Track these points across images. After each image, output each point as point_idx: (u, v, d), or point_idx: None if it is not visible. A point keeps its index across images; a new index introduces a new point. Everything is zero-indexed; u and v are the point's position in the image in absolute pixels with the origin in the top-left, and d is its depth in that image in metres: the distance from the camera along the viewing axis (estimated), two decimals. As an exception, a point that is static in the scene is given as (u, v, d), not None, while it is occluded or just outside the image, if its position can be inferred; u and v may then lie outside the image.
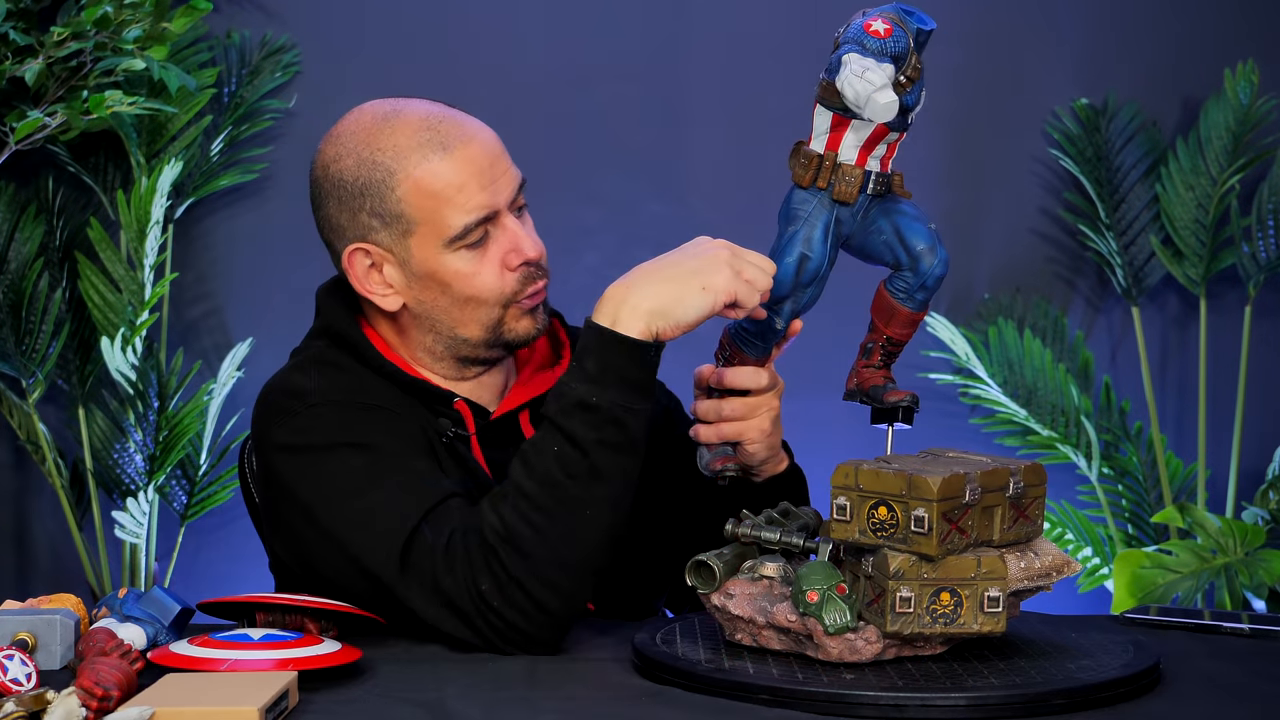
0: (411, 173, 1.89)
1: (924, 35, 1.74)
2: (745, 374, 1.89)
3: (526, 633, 1.76)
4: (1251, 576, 3.18)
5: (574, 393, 1.76)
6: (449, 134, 1.91)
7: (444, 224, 1.89)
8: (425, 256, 1.91)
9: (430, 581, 1.77)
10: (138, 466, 3.35)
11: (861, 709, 1.54)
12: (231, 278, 3.53)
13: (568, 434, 1.75)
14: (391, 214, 1.90)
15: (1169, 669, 1.69)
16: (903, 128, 1.76)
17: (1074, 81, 3.57)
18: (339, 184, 1.92)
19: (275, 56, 3.47)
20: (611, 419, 1.75)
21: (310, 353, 1.97)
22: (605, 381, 1.76)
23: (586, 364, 1.77)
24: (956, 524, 1.61)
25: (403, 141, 1.90)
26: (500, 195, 1.91)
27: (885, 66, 1.70)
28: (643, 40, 3.53)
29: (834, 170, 1.77)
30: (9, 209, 3.36)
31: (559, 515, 1.75)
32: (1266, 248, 3.45)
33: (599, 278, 3.50)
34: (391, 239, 1.91)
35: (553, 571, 1.75)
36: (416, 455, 1.87)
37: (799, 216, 1.81)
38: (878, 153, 1.78)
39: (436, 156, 1.89)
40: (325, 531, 1.83)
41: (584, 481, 1.75)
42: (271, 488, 1.91)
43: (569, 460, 1.75)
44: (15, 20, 3.12)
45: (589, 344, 1.78)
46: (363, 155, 1.91)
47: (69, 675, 1.67)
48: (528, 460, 1.77)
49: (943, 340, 3.47)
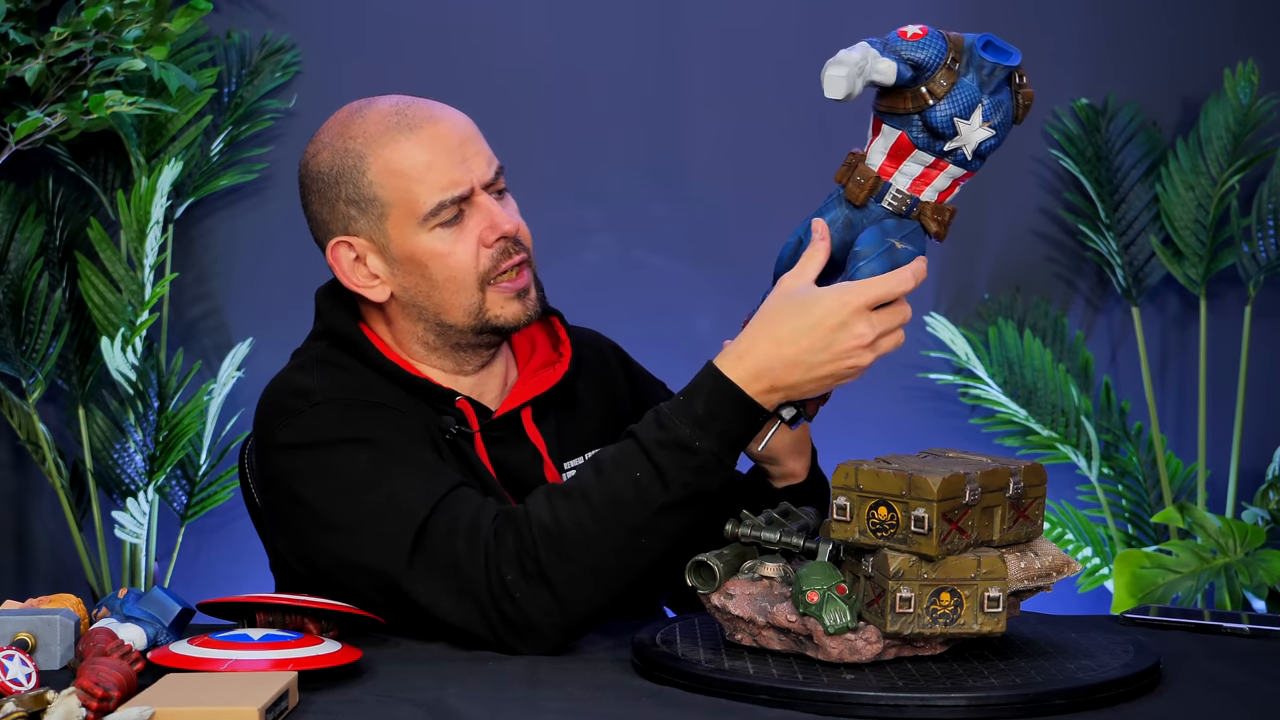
0: (380, 154, 1.91)
1: (1000, 70, 1.69)
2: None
3: (538, 630, 1.75)
4: (1251, 576, 3.18)
5: (676, 430, 1.75)
6: (416, 116, 1.93)
7: (416, 202, 1.91)
8: (402, 239, 1.92)
9: (445, 567, 1.77)
10: (138, 466, 3.35)
11: (861, 709, 1.54)
12: (231, 278, 3.53)
13: (657, 465, 1.75)
14: (365, 198, 1.92)
15: (1169, 669, 1.69)
16: (938, 151, 1.71)
17: (1074, 81, 3.57)
18: (317, 177, 1.95)
19: (275, 56, 3.47)
20: (703, 466, 1.75)
21: (312, 353, 1.97)
22: (710, 429, 1.75)
23: (696, 405, 1.75)
24: (956, 524, 1.61)
25: (372, 128, 1.93)
26: (473, 173, 1.92)
27: (885, 62, 1.66)
28: (643, 40, 3.53)
29: (854, 169, 1.75)
30: (9, 209, 3.36)
31: (617, 534, 1.75)
32: (1266, 248, 3.45)
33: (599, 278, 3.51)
34: (369, 225, 1.93)
35: (587, 581, 1.75)
36: (422, 449, 1.88)
37: (824, 204, 1.79)
38: (907, 169, 1.73)
39: (404, 137, 1.91)
40: (331, 527, 1.83)
41: (654, 514, 1.76)
42: (276, 488, 1.91)
43: (648, 490, 1.75)
44: (15, 20, 3.12)
45: (705, 386, 1.76)
46: (336, 146, 1.94)
47: (69, 675, 1.67)
48: (603, 472, 1.77)
49: (943, 340, 3.47)
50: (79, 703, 1.49)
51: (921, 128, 1.70)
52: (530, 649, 1.76)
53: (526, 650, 1.76)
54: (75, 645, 1.72)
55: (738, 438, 1.77)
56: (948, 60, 1.69)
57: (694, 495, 1.76)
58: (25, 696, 1.49)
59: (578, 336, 2.09)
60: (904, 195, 1.75)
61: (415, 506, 1.80)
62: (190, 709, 1.47)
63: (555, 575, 1.75)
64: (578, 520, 1.75)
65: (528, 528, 1.76)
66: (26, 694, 1.49)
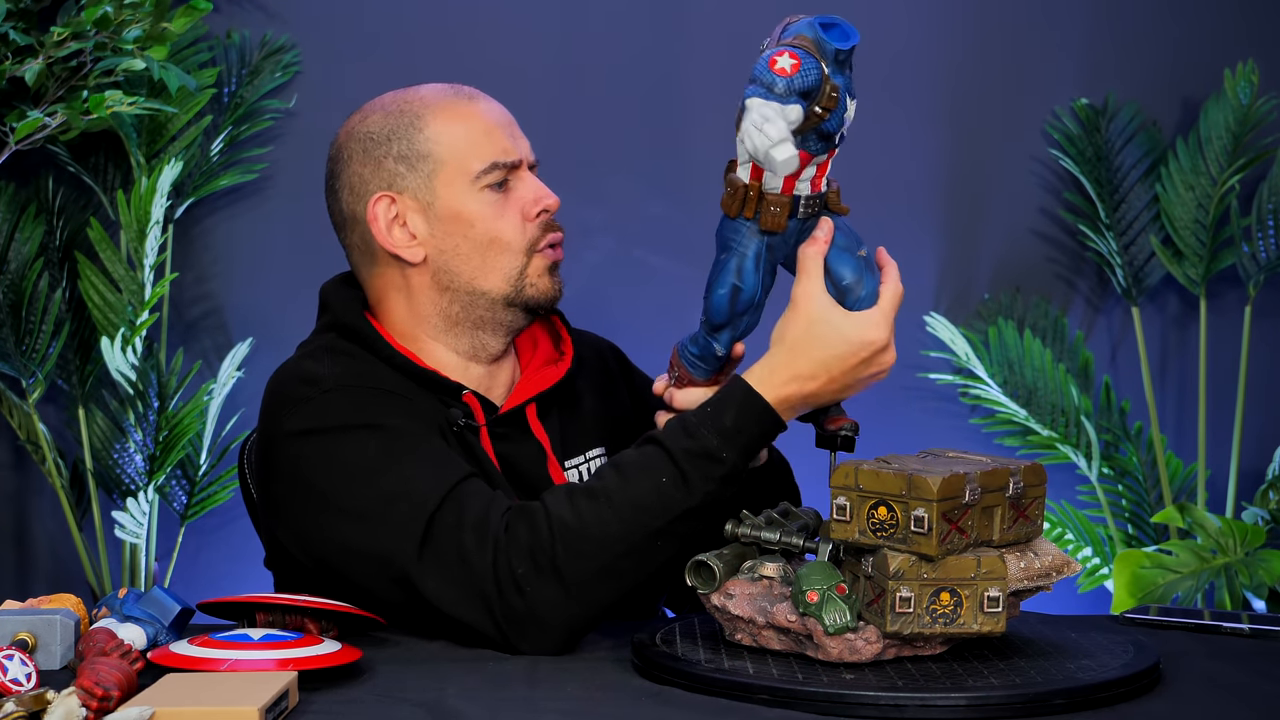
0: (440, 114, 1.97)
1: (843, 54, 1.71)
2: (693, 395, 1.89)
3: (544, 626, 1.75)
4: (1251, 576, 3.18)
5: (704, 440, 1.79)
6: (471, 94, 2.01)
7: (472, 158, 1.95)
8: (451, 195, 1.95)
9: (453, 558, 1.77)
10: (138, 466, 3.35)
11: (861, 709, 1.54)
12: (231, 278, 3.53)
13: (684, 474, 1.78)
14: (418, 153, 1.95)
15: (1169, 669, 1.69)
16: (829, 148, 1.74)
17: (1074, 81, 3.57)
18: (365, 137, 1.98)
19: (275, 56, 3.47)
20: (726, 477, 1.79)
21: (321, 343, 1.98)
22: (737, 442, 1.79)
23: (725, 418, 1.79)
24: (956, 524, 1.61)
25: (429, 96, 1.99)
26: (522, 148, 1.99)
27: (791, 108, 1.67)
28: (643, 40, 3.53)
29: (759, 201, 1.76)
30: (9, 209, 3.36)
31: (636, 537, 1.77)
32: (1266, 248, 3.45)
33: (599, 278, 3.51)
34: (418, 181, 1.95)
35: (598, 581, 1.76)
36: (432, 438, 1.88)
37: (730, 245, 1.80)
38: (807, 174, 1.75)
39: (464, 103, 1.99)
40: (340, 513, 1.83)
41: (675, 519, 1.78)
42: (281, 475, 1.90)
43: (671, 496, 1.78)
44: (15, 20, 3.12)
45: (735, 398, 1.80)
46: (390, 109, 1.99)
47: (69, 675, 1.67)
48: (627, 476, 1.79)
49: (943, 340, 3.47)
50: (79, 703, 1.49)
51: (817, 138, 1.73)
52: (532, 646, 1.76)
53: (528, 647, 1.76)
54: (75, 645, 1.72)
55: (757, 449, 1.82)
56: (824, 72, 1.69)
57: (714, 503, 1.80)
58: (25, 696, 1.49)
59: (579, 338, 2.10)
60: (810, 198, 1.77)
61: (426, 495, 1.80)
62: (190, 709, 1.47)
63: (569, 572, 1.75)
64: (600, 520, 1.76)
65: (545, 523, 1.76)
66: (26, 694, 1.49)
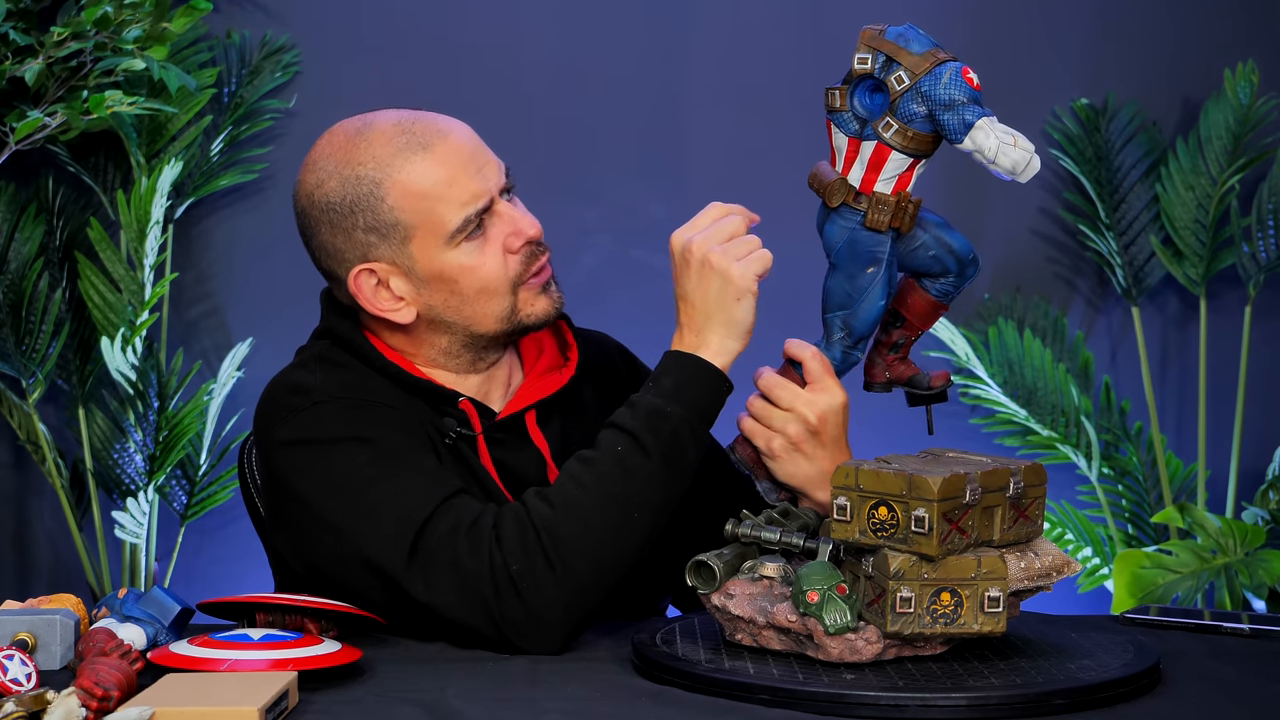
0: (397, 178, 1.88)
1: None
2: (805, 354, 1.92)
3: (542, 624, 1.75)
4: (1251, 576, 3.18)
5: (646, 403, 1.82)
6: (425, 133, 1.90)
7: (441, 222, 1.89)
8: (429, 259, 1.90)
9: (447, 565, 1.77)
10: (138, 466, 3.35)
11: (861, 709, 1.54)
12: (231, 278, 3.53)
13: (635, 436, 1.80)
14: (386, 224, 1.89)
15: (1169, 669, 1.69)
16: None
17: (1074, 81, 3.57)
18: (327, 208, 1.91)
19: (275, 56, 3.47)
20: (676, 432, 1.81)
21: (313, 351, 1.97)
22: (679, 398, 1.82)
23: (663, 381, 1.84)
24: (957, 524, 1.61)
25: (381, 151, 1.89)
26: (490, 181, 1.91)
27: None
28: (643, 40, 3.53)
29: (908, 211, 1.84)
30: (9, 209, 3.36)
31: (609, 511, 1.78)
32: (1266, 248, 3.45)
33: (599, 278, 3.51)
34: (392, 250, 1.90)
35: (588, 563, 1.77)
36: (423, 452, 1.87)
37: (879, 259, 1.86)
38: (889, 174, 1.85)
39: (418, 157, 1.89)
40: (331, 525, 1.83)
41: (640, 484, 1.79)
42: (275, 486, 1.91)
43: (629, 460, 1.79)
44: (15, 20, 3.12)
45: (667, 367, 1.85)
46: (345, 174, 1.89)
47: (69, 675, 1.67)
48: (588, 458, 1.81)
49: (943, 340, 3.47)
50: (79, 703, 1.49)
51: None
52: (532, 645, 1.76)
53: (528, 647, 1.76)
54: (75, 645, 1.72)
55: (707, 406, 1.84)
56: None
57: (673, 462, 1.80)
58: (25, 696, 1.49)
59: (585, 338, 2.08)
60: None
61: (415, 508, 1.80)
62: (190, 709, 1.47)
63: (558, 562, 1.75)
64: (574, 502, 1.78)
65: (528, 518, 1.77)
66: (26, 694, 1.49)
